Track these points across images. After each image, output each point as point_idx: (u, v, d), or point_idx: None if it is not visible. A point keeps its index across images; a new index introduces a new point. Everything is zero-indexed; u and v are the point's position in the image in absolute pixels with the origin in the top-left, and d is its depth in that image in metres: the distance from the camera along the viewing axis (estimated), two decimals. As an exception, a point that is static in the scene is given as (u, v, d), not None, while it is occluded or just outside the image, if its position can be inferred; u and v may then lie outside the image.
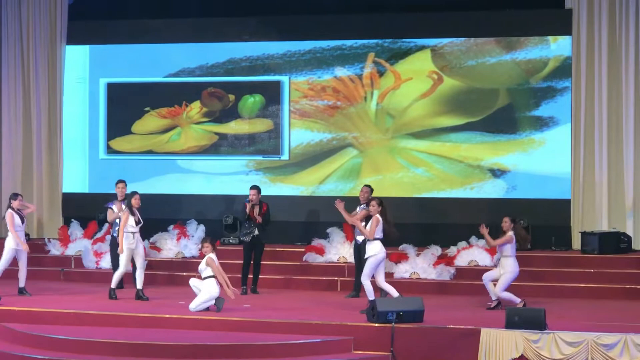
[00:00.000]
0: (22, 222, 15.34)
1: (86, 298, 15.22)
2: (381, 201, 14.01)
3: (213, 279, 14.01)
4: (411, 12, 18.09)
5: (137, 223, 15.01)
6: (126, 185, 16.03)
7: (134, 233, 14.96)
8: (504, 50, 17.80)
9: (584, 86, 17.18)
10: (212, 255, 14.07)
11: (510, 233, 14.20)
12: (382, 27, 18.18)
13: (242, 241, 16.03)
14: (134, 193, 15.19)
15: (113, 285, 15.09)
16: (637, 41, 16.84)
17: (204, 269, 14.03)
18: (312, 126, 18.49)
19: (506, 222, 14.30)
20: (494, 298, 14.36)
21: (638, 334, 12.32)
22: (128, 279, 15.49)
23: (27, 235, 18.25)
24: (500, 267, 14.27)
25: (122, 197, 15.86)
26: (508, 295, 14.10)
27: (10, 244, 15.13)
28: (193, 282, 14.21)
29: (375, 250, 13.63)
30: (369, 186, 15.72)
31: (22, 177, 18.85)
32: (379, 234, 13.70)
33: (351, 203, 15.27)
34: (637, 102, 16.91)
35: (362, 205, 15.27)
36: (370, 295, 13.64)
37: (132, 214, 14.99)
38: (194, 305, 13.93)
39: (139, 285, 15.03)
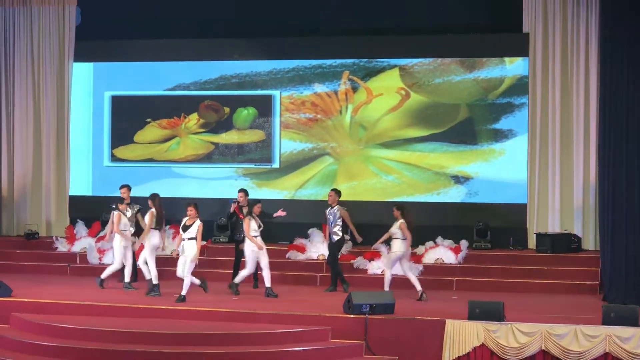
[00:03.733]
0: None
1: (90, 291, 15.08)
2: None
3: (194, 241, 14.03)
4: (385, 35, 18.08)
5: (259, 227, 14.80)
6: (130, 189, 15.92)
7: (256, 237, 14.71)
8: (467, 70, 17.76)
9: (539, 102, 17.15)
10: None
11: (402, 220, 14.48)
12: (359, 48, 18.16)
13: (236, 240, 15.91)
14: (258, 202, 15.21)
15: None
16: (586, 61, 16.84)
17: (192, 231, 14.07)
18: (295, 137, 18.42)
19: (396, 212, 14.64)
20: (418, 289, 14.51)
21: (587, 325, 12.37)
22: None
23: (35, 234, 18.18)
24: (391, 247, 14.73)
25: (128, 200, 15.71)
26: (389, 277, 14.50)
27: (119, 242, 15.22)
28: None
29: None
30: (335, 190, 15.63)
31: (33, 181, 18.73)
32: None
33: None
34: (586, 116, 16.89)
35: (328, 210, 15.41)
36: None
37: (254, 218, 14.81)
38: (181, 271, 14.14)
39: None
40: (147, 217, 14.98)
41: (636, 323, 12.26)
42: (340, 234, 15.23)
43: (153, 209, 14.99)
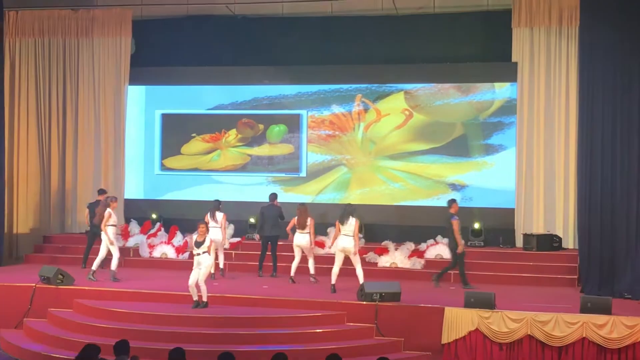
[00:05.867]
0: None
1: (142, 280, 14.93)
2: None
3: (207, 254, 13.06)
4: (393, 64, 17.88)
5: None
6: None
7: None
8: (463, 94, 17.55)
9: (526, 121, 16.87)
10: None
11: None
12: (371, 75, 17.96)
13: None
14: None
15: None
16: (567, 86, 16.55)
17: (204, 247, 13.02)
18: (316, 150, 18.25)
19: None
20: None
21: (567, 313, 12.20)
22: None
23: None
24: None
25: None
26: None
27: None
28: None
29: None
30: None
31: (93, 186, 18.41)
32: None
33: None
34: (566, 133, 16.58)
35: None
36: None
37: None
38: (193, 281, 13.05)
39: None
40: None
41: (609, 312, 12.10)
42: None
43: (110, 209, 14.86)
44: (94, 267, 14.75)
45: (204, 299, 13.10)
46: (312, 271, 14.93)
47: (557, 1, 16.56)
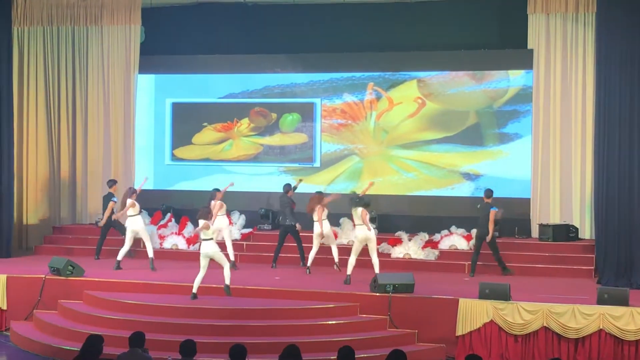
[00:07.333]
0: None
1: (152, 272, 14.96)
2: None
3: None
4: (406, 51, 17.82)
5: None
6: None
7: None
8: (477, 82, 17.46)
9: (542, 109, 16.77)
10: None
11: None
12: (383, 63, 17.88)
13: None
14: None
15: None
16: (584, 74, 16.44)
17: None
18: (328, 139, 18.22)
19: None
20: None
21: (583, 305, 12.17)
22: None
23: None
24: None
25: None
26: None
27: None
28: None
29: None
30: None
31: (103, 177, 18.46)
32: None
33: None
34: (583, 122, 16.48)
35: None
36: None
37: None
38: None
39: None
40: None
41: (626, 303, 12.08)
42: None
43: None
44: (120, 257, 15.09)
45: (227, 282, 13.27)
46: (336, 259, 15.05)
47: (573, -14, 16.52)
